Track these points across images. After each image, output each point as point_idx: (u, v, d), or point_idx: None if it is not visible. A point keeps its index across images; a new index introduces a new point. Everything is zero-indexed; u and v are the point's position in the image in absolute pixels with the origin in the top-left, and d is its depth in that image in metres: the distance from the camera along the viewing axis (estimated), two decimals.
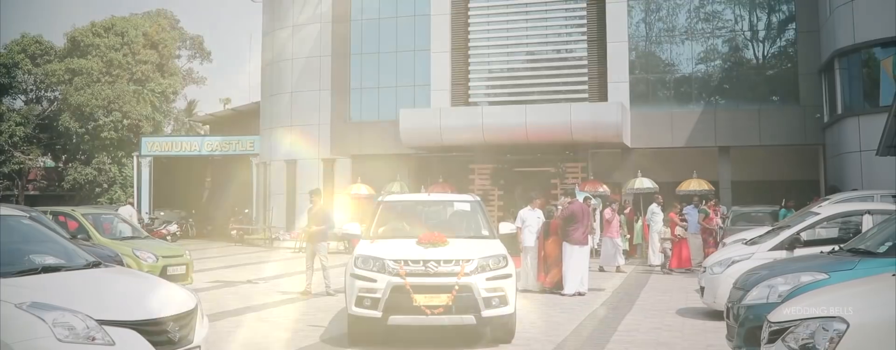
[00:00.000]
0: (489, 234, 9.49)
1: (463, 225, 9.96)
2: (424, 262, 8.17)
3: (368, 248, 8.73)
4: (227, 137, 34.84)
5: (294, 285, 14.05)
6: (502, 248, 8.86)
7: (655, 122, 24.79)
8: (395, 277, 8.06)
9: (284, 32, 30.15)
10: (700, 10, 25.67)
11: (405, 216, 10.19)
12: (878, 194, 13.71)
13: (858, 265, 6.38)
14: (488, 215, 10.19)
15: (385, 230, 9.67)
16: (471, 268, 8.15)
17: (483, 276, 8.17)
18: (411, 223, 9.90)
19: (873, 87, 20.18)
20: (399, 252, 8.38)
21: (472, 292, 8.03)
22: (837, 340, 4.34)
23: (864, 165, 19.36)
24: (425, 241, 8.58)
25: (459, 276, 8.05)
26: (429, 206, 10.83)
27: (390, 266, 8.14)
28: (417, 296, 7.94)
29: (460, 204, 10.60)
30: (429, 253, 8.34)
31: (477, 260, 8.26)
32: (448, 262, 8.19)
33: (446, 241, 8.62)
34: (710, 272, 10.71)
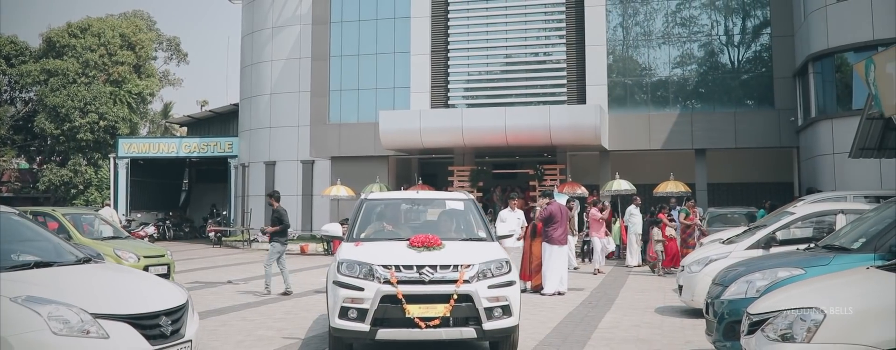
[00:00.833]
0: (486, 236, 8.65)
1: (456, 226, 9.07)
2: (418, 268, 7.27)
3: (353, 251, 7.80)
4: (205, 139, 34.68)
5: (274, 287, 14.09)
6: (503, 252, 8.07)
7: (633, 125, 25.06)
8: (384, 285, 7.13)
9: (264, 34, 30.13)
10: (676, 15, 26.00)
11: (392, 216, 9.36)
12: (851, 195, 14.05)
13: (833, 261, 6.57)
14: (484, 215, 9.20)
15: (370, 231, 8.81)
16: (471, 274, 7.28)
17: (484, 283, 7.29)
18: (399, 224, 9.16)
19: (846, 91, 20.56)
20: (389, 256, 7.48)
21: (473, 302, 7.15)
22: (815, 330, 4.50)
23: (837, 167, 19.73)
24: (418, 243, 7.72)
25: (458, 283, 7.16)
26: (417, 205, 9.74)
27: (379, 272, 7.22)
28: (411, 306, 7.05)
29: (452, 202, 9.54)
30: (423, 257, 7.45)
31: (477, 265, 7.39)
32: (445, 268, 7.31)
33: (441, 243, 7.76)
34: (688, 271, 10.92)
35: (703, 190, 24.63)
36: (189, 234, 36.90)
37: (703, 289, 9.87)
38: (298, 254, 24.89)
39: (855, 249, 6.72)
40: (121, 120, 41.56)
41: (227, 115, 36.46)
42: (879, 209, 7.82)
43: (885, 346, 4.28)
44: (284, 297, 13.47)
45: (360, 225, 8.76)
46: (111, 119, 40.94)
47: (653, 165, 25.40)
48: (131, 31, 43.95)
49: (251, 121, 30.65)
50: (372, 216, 9.13)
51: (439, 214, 9.40)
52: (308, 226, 28.75)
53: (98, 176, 41.56)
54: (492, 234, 8.72)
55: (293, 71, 29.15)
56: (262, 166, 29.98)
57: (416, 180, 26.52)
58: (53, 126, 40.38)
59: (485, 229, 8.78)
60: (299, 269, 19.34)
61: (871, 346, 4.31)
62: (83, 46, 41.81)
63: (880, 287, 4.76)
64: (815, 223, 11.03)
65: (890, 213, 7.18)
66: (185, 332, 5.53)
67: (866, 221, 7.59)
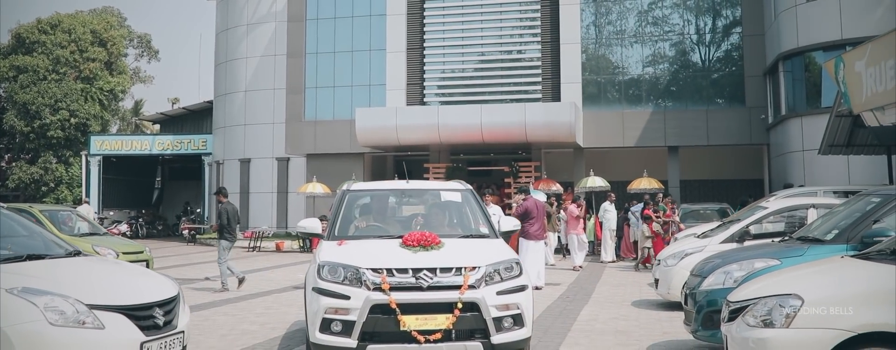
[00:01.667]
0: (489, 232, 7.57)
1: (454, 220, 8.07)
2: (415, 272, 6.24)
3: (336, 252, 6.73)
4: (178, 136, 34.53)
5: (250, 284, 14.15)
6: (511, 251, 7.08)
7: (607, 123, 25.34)
8: (375, 292, 6.11)
9: (239, 31, 30.04)
10: (649, 14, 26.32)
11: (379, 209, 8.43)
12: (821, 190, 14.39)
13: (808, 251, 6.79)
14: (485, 207, 8.22)
15: (355, 228, 7.76)
16: (476, 278, 6.28)
17: (493, 288, 6.31)
18: (388, 218, 8.23)
19: (816, 89, 20.96)
20: (379, 257, 6.46)
21: (480, 311, 6.16)
22: (793, 316, 4.69)
23: (807, 164, 20.12)
24: (413, 242, 6.69)
25: (462, 289, 6.16)
26: (408, 197, 8.67)
27: (368, 277, 6.19)
28: (406, 318, 6.04)
29: (448, 193, 8.35)
30: (419, 259, 6.43)
31: (484, 267, 6.38)
32: (447, 272, 6.28)
33: (440, 242, 6.73)
34: (664, 264, 11.12)
35: (675, 186, 24.96)
36: (162, 232, 36.71)
37: (680, 282, 10.11)
38: (274, 251, 24.88)
39: (828, 241, 6.95)
40: (92, 117, 41.19)
41: (201, 113, 36.29)
42: (849, 203, 8.07)
43: (860, 330, 4.49)
44: (264, 293, 13.49)
45: (343, 220, 7.64)
46: (82, 116, 40.57)
47: (626, 162, 25.72)
48: (103, 28, 43.54)
49: (226, 118, 30.55)
50: (357, 210, 8.12)
51: (434, 207, 8.28)
52: (283, 223, 28.75)
53: (69, 174, 41.18)
54: (495, 229, 7.65)
55: (268, 68, 29.11)
56: (237, 163, 29.91)
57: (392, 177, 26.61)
58: (23, 123, 39.93)
59: (487, 224, 7.71)
60: (275, 266, 19.40)
61: (847, 330, 4.52)
62: (53, 43, 41.37)
63: (855, 274, 4.98)
64: (787, 217, 11.28)
65: (860, 207, 7.43)
66: (177, 324, 5.60)
67: (837, 215, 7.83)
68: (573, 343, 8.47)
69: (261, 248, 25.31)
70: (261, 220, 28.68)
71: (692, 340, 7.93)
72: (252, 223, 28.74)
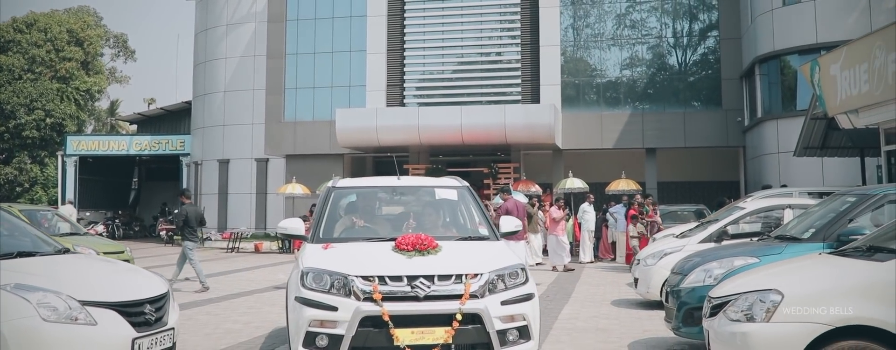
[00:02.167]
0: (489, 234, 6.92)
1: (451, 221, 7.44)
2: (410, 280, 5.66)
3: (321, 257, 6.09)
4: (156, 137, 34.33)
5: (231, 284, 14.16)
6: (514, 255, 6.44)
7: (585, 125, 25.55)
8: (365, 303, 5.54)
9: (218, 31, 29.95)
10: (627, 18, 26.60)
11: (368, 209, 7.73)
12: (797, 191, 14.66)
13: (785, 249, 6.96)
14: (483, 206, 7.52)
15: (342, 229, 7.12)
16: (479, 286, 5.71)
17: (496, 298, 5.74)
18: (378, 219, 7.53)
19: (791, 92, 21.30)
20: (370, 263, 5.86)
21: (483, 324, 5.60)
22: (773, 310, 4.84)
23: (782, 166, 20.44)
24: (407, 246, 6.06)
25: (463, 299, 5.60)
26: (400, 194, 7.91)
27: (358, 285, 5.61)
28: (400, 331, 5.48)
29: (444, 191, 7.70)
30: (415, 265, 5.83)
31: (487, 274, 5.80)
32: (445, 279, 5.70)
33: (437, 245, 6.11)
34: (644, 264, 11.28)
35: (653, 188, 25.21)
36: (139, 233, 36.46)
37: (659, 281, 10.29)
38: (252, 252, 24.83)
39: (806, 239, 7.13)
40: (68, 117, 40.89)
41: (179, 113, 36.11)
42: (825, 203, 8.26)
43: (837, 323, 4.65)
44: (245, 293, 13.51)
45: (329, 220, 7.02)
46: (58, 116, 40.26)
47: (605, 164, 25.95)
48: (79, 27, 43.26)
49: (204, 118, 30.44)
50: (343, 209, 7.49)
51: (428, 206, 7.62)
52: (262, 224, 28.69)
53: (44, 174, 40.82)
54: (495, 230, 7.00)
55: (248, 69, 29.05)
56: (216, 164, 29.81)
57: None
58: None
59: (487, 224, 7.05)
60: (255, 266, 19.37)
61: (825, 324, 4.67)
62: (29, 42, 41.05)
63: (832, 270, 5.14)
64: (764, 218, 11.48)
65: (835, 206, 7.62)
66: (167, 320, 5.67)
67: (814, 214, 8.01)
68: (555, 341, 8.58)
69: (239, 249, 25.24)
70: (239, 221, 28.61)
71: (672, 337, 8.07)
72: (230, 224, 28.67)
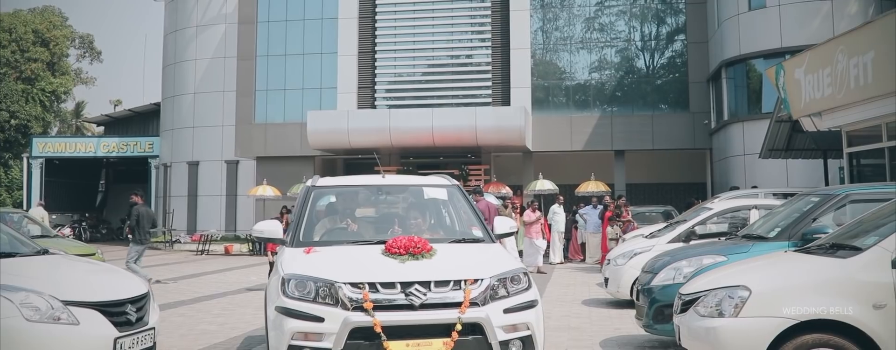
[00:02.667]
0: (483, 235, 6.41)
1: (442, 222, 6.97)
2: (404, 287, 5.17)
3: (304, 262, 5.56)
4: (124, 139, 33.99)
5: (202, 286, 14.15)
6: (515, 259, 6.19)
7: (555, 127, 25.80)
8: (355, 313, 5.04)
9: (187, 33, 29.78)
10: (596, 21, 26.92)
11: (351, 209, 7.16)
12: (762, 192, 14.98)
13: (752, 248, 7.17)
14: (475, 206, 7.02)
15: (324, 231, 6.64)
16: (479, 293, 5.23)
17: (498, 306, 5.26)
18: (363, 220, 7.02)
19: (757, 95, 21.70)
20: (358, 269, 5.37)
21: (484, 334, 5.13)
22: (742, 305, 5.03)
23: (748, 168, 20.82)
24: (399, 249, 5.58)
25: (463, 307, 5.11)
26: (386, 193, 7.39)
27: (347, 293, 5.11)
28: (394, 343, 5.02)
29: (432, 190, 7.18)
30: (408, 270, 5.36)
31: (488, 280, 5.32)
32: (443, 286, 5.22)
33: (431, 248, 5.64)
34: (614, 264, 11.47)
35: (621, 189, 25.50)
36: (106, 236, 36.06)
37: (629, 280, 10.49)
38: (222, 254, 24.74)
39: (771, 238, 7.35)
40: (33, 118, 40.36)
41: (147, 115, 35.79)
42: (789, 203, 8.51)
43: (802, 318, 4.86)
44: (218, 294, 13.50)
45: (309, 222, 6.51)
46: (23, 118, 39.75)
47: (574, 166, 26.19)
48: (45, 28, 42.74)
49: (173, 120, 30.24)
50: (324, 209, 7.03)
51: (417, 206, 7.14)
52: (232, 226, 28.57)
53: (8, 176, 40.26)
54: (489, 231, 6.49)
55: (218, 70, 28.92)
56: (185, 166, 29.64)
57: None
58: None
59: (480, 225, 6.53)
60: (226, 268, 19.32)
61: (791, 318, 4.88)
62: None
63: (797, 267, 5.35)
64: (730, 218, 11.73)
65: (800, 206, 7.86)
66: (148, 320, 5.72)
67: (778, 214, 8.25)
68: None
69: (209, 252, 25.13)
70: (209, 223, 28.46)
71: (643, 335, 8.25)
72: (200, 226, 28.51)
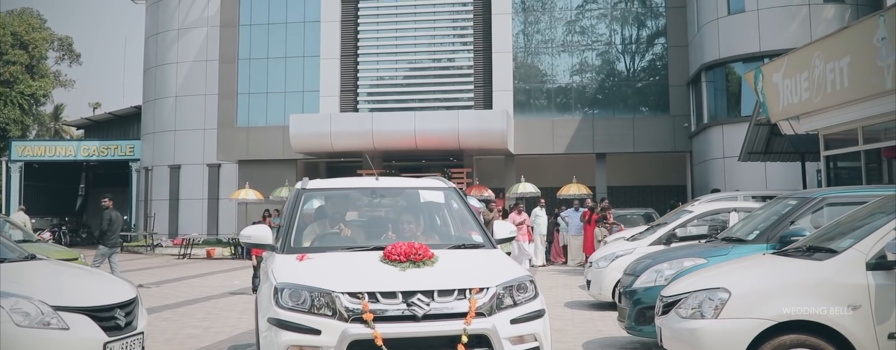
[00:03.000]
0: (483, 241, 6.13)
1: (440, 226, 6.67)
2: (406, 296, 4.89)
3: (297, 270, 5.27)
4: (105, 142, 33.84)
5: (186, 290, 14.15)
6: (519, 265, 5.80)
7: (537, 130, 25.95)
8: (354, 325, 4.77)
9: (169, 36, 29.70)
10: (577, 25, 27.12)
11: (344, 213, 6.88)
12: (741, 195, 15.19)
13: (732, 251, 7.31)
14: (472, 209, 6.75)
15: (316, 237, 6.32)
16: (485, 302, 4.97)
17: (505, 316, 5.01)
18: (357, 224, 6.69)
19: (736, 99, 21.96)
20: (357, 278, 5.08)
21: (491, 346, 4.89)
22: (721, 307, 5.15)
23: (727, 170, 21.05)
24: (399, 256, 5.28)
25: (469, 318, 4.85)
26: (379, 197, 6.95)
27: (345, 304, 4.83)
28: None
29: (429, 193, 6.78)
30: (410, 278, 5.06)
31: (494, 288, 5.05)
32: (447, 295, 4.95)
33: (432, 255, 5.35)
34: (596, 266, 11.58)
35: (603, 192, 25.68)
36: (86, 240, 35.82)
37: (611, 283, 10.62)
38: (204, 258, 24.69)
39: (750, 240, 7.49)
40: (12, 122, 40.03)
41: (128, 118, 35.66)
42: (768, 206, 8.66)
43: (780, 319, 4.99)
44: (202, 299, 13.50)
45: (300, 227, 6.19)
46: (1, 121, 39.38)
47: (556, 169, 26.39)
48: (24, 30, 42.36)
49: (155, 124, 30.14)
50: (315, 214, 6.75)
51: (413, 210, 6.78)
52: (214, 230, 28.51)
53: None
54: (489, 236, 6.21)
55: (200, 73, 28.87)
56: (167, 170, 29.55)
57: None
58: None
59: (480, 230, 6.26)
60: (209, 272, 19.29)
61: (769, 319, 5.01)
62: None
63: (775, 269, 5.48)
64: (710, 221, 11.90)
65: (778, 209, 8.01)
66: (137, 325, 5.76)
67: (757, 217, 8.40)
68: None
69: (191, 256, 25.07)
70: (191, 227, 28.37)
71: (625, 336, 8.37)
72: (182, 230, 28.42)
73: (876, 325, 4.83)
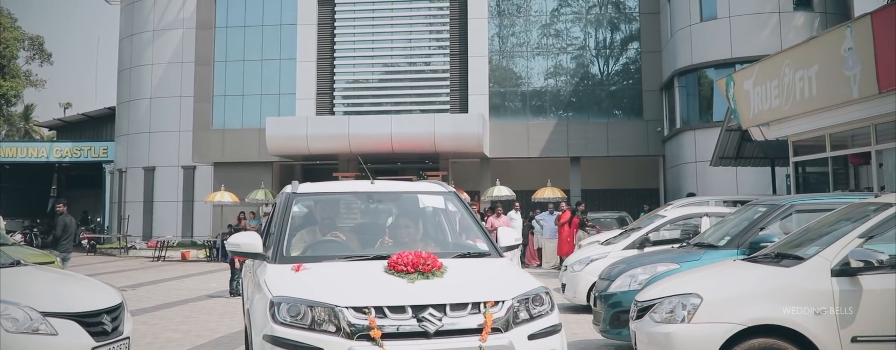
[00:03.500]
0: (489, 249, 5.79)
1: (441, 234, 6.26)
2: (416, 310, 4.50)
3: (294, 282, 4.85)
4: (78, 143, 33.52)
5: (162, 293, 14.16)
6: (531, 277, 5.37)
7: (512, 134, 26.17)
8: (361, 343, 4.40)
9: (144, 37, 29.56)
10: (551, 27, 27.41)
11: (338, 219, 6.47)
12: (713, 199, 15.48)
13: (703, 256, 7.53)
14: (475, 214, 6.42)
15: (309, 245, 5.86)
16: (500, 316, 4.61)
17: (522, 331, 4.66)
18: (352, 232, 6.22)
19: (708, 104, 22.32)
20: (361, 290, 4.69)
21: None
22: (693, 312, 5.36)
23: (699, 174, 21.40)
24: (406, 266, 4.89)
25: (484, 334, 4.50)
26: (376, 201, 6.53)
27: (349, 319, 4.43)
28: None
29: (428, 197, 6.42)
30: (420, 291, 4.68)
31: (509, 302, 4.70)
32: (460, 309, 4.56)
33: (441, 265, 4.96)
34: (571, 270, 11.77)
35: (577, 196, 25.95)
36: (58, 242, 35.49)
37: (586, 286, 10.81)
38: (179, 260, 24.62)
39: (721, 246, 7.72)
40: None
41: (101, 119, 35.39)
42: (739, 212, 8.91)
43: (749, 323, 5.20)
44: (179, 302, 13.53)
45: (292, 234, 5.78)
46: None
47: (531, 172, 26.62)
48: None
49: (129, 125, 29.98)
50: (307, 219, 6.24)
51: (412, 216, 6.32)
52: (189, 232, 28.40)
53: None
54: (494, 244, 5.87)
55: (175, 75, 28.76)
56: (141, 171, 29.40)
57: None
58: None
59: (484, 237, 5.95)
60: (184, 275, 19.26)
61: (738, 323, 5.22)
62: None
63: (745, 275, 5.70)
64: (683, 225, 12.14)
65: (748, 216, 8.25)
66: (123, 330, 5.84)
67: (728, 223, 8.64)
68: None
69: (166, 258, 24.99)
70: (165, 229, 28.25)
71: (600, 339, 8.55)
72: (156, 232, 28.30)
73: (840, 329, 5.05)
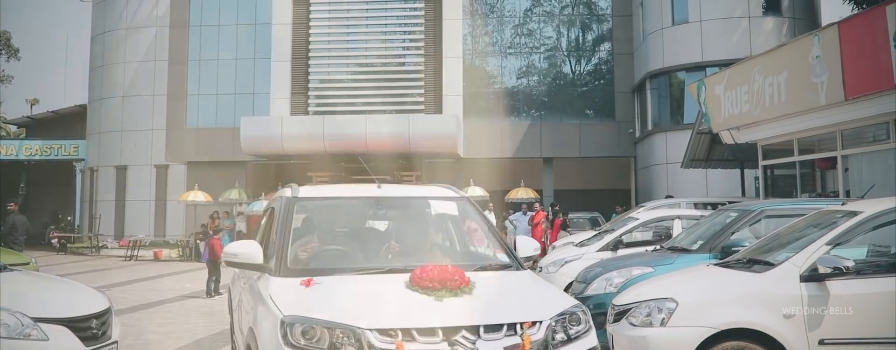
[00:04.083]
0: (509, 260, 5.27)
1: (458, 244, 5.87)
2: (447, 333, 4.03)
3: (307, 299, 4.34)
4: (48, 141, 33.13)
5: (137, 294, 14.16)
6: (564, 293, 5.26)
7: (486, 134, 26.37)
8: None
9: (117, 35, 29.32)
10: (525, 27, 27.69)
11: (343, 228, 5.95)
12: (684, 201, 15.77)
13: (677, 260, 7.76)
14: (491, 223, 6.09)
15: (317, 255, 5.38)
16: (539, 338, 4.17)
17: None
18: (361, 241, 5.65)
19: (679, 107, 22.68)
20: (385, 309, 4.21)
21: None
22: (669, 316, 5.57)
23: (670, 176, 21.74)
24: (431, 282, 4.36)
25: None
26: (385, 208, 5.99)
27: (375, 344, 3.95)
28: None
29: (440, 203, 5.85)
30: (449, 310, 4.20)
31: (548, 322, 4.25)
32: (494, 331, 4.10)
33: (469, 281, 4.43)
34: (546, 271, 11.94)
35: (550, 196, 26.22)
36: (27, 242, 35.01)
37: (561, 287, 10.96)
38: (152, 260, 24.52)
39: (694, 250, 7.96)
40: None
41: (71, 117, 35.01)
42: (711, 217, 9.15)
43: (722, 327, 5.41)
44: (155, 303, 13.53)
45: (298, 243, 5.35)
46: None
47: (504, 173, 26.78)
48: None
49: (101, 123, 29.73)
50: (311, 227, 5.77)
51: (424, 224, 5.93)
52: (161, 231, 28.25)
53: None
54: (515, 255, 5.32)
55: (148, 74, 28.58)
56: (113, 170, 29.17)
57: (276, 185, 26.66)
58: None
59: (503, 248, 5.47)
60: (157, 275, 19.21)
61: (712, 327, 5.43)
62: None
63: (718, 281, 5.92)
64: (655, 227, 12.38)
65: (720, 220, 8.50)
66: (111, 334, 5.92)
67: (701, 226, 8.88)
68: None
69: (138, 257, 24.86)
70: (137, 228, 28.05)
71: None
72: (128, 232, 28.10)
73: (808, 332, 5.28)
